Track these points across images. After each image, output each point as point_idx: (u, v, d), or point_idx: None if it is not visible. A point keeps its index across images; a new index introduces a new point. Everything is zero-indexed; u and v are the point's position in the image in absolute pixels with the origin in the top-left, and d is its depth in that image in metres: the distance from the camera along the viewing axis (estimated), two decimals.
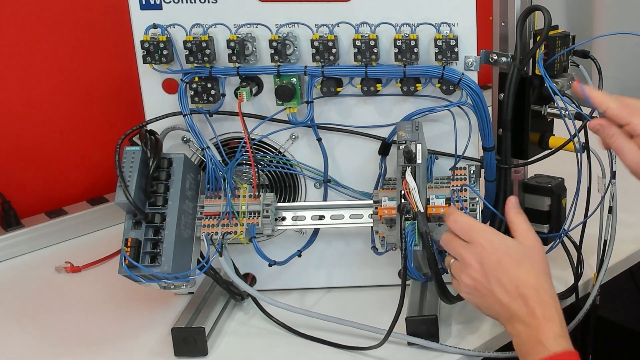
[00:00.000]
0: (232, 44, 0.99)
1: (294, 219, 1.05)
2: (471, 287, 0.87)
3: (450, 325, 1.04)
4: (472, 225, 0.88)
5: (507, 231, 0.92)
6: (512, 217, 0.91)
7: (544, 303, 0.83)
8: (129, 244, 0.93)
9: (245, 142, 1.00)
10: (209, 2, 1.00)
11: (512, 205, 0.92)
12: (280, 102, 1.02)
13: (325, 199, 1.08)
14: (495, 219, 1.03)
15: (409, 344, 0.99)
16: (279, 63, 1.00)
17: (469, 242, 0.87)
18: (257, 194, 1.02)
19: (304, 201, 1.09)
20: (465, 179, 1.00)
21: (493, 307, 0.86)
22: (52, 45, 1.36)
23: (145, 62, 1.00)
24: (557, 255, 1.11)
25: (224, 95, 1.02)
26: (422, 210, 0.91)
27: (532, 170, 1.13)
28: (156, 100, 1.03)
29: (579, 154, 1.00)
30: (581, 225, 1.06)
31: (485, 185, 1.05)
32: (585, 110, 0.98)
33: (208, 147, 1.01)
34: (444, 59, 0.98)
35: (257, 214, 1.00)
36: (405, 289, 0.94)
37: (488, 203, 1.02)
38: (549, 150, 1.06)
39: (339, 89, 1.02)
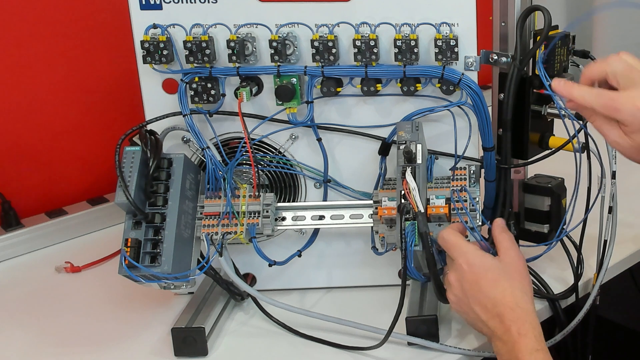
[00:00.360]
0: (232, 44, 0.98)
1: (294, 219, 1.05)
2: (455, 304, 0.92)
3: (450, 325, 1.04)
4: (455, 244, 0.91)
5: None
6: (497, 235, 0.95)
7: (518, 320, 0.85)
8: (129, 244, 0.93)
9: (245, 142, 1.00)
10: (209, 2, 1.00)
11: (498, 225, 0.96)
12: (280, 102, 1.02)
13: (325, 199, 1.08)
14: (495, 216, 1.03)
15: (409, 344, 0.99)
16: (279, 63, 1.00)
17: (453, 260, 0.91)
18: (257, 194, 1.02)
19: (304, 201, 1.09)
20: (465, 179, 1.00)
21: (476, 323, 0.90)
22: (52, 45, 1.36)
23: (145, 62, 1.00)
24: (557, 255, 1.12)
25: (224, 95, 1.02)
26: (422, 210, 0.91)
27: (532, 170, 1.13)
28: (156, 100, 1.03)
29: (578, 154, 1.00)
30: (581, 225, 1.06)
31: (485, 185, 1.05)
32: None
33: (208, 147, 1.01)
34: (444, 59, 0.98)
35: (257, 214, 1.00)
36: (405, 289, 0.94)
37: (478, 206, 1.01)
38: (549, 150, 1.06)
39: (339, 89, 1.02)
